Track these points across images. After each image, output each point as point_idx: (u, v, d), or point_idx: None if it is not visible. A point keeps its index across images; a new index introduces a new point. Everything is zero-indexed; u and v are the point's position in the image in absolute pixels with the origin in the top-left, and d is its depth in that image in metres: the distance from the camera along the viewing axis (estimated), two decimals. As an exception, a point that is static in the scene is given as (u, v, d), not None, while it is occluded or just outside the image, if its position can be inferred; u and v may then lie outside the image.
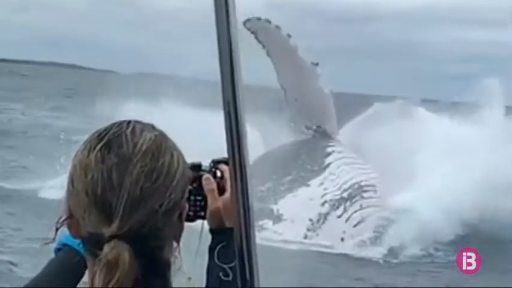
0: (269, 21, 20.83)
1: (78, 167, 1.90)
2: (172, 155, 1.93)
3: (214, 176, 2.45)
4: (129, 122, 1.95)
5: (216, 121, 2.99)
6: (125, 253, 1.83)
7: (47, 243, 2.15)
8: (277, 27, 20.83)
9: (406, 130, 20.26)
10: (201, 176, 2.43)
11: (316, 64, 20.82)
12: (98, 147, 1.89)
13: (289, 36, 20.81)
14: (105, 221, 1.85)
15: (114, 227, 1.84)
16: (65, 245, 2.36)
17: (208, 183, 2.42)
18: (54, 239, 2.11)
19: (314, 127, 21.48)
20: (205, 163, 2.49)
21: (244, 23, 20.21)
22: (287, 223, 18.07)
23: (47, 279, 2.35)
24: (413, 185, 19.01)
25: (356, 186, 19.18)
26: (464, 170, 18.80)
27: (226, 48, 1.93)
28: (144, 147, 1.89)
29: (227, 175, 2.38)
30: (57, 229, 2.01)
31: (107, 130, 1.93)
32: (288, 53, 20.70)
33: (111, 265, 1.82)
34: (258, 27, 20.72)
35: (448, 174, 18.94)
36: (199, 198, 2.40)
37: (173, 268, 1.99)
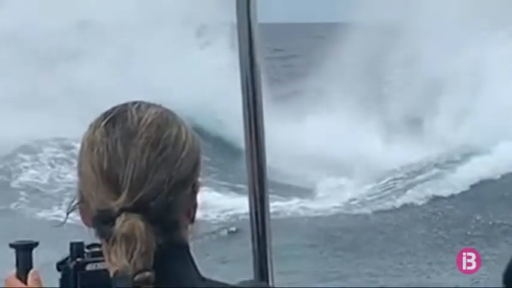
0: None
1: (86, 144, 1.89)
2: (179, 128, 1.89)
3: None
4: (135, 102, 1.93)
5: None
6: (139, 223, 1.79)
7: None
8: None
9: None
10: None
11: None
12: (103, 123, 1.88)
13: None
14: (113, 194, 1.82)
15: (122, 199, 1.80)
16: None
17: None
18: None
19: None
20: None
21: None
22: None
23: None
24: None
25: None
26: None
27: (244, 26, 1.94)
28: (149, 120, 1.87)
29: None
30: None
31: (112, 108, 1.92)
32: None
33: (128, 237, 1.78)
34: None
35: None
36: None
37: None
